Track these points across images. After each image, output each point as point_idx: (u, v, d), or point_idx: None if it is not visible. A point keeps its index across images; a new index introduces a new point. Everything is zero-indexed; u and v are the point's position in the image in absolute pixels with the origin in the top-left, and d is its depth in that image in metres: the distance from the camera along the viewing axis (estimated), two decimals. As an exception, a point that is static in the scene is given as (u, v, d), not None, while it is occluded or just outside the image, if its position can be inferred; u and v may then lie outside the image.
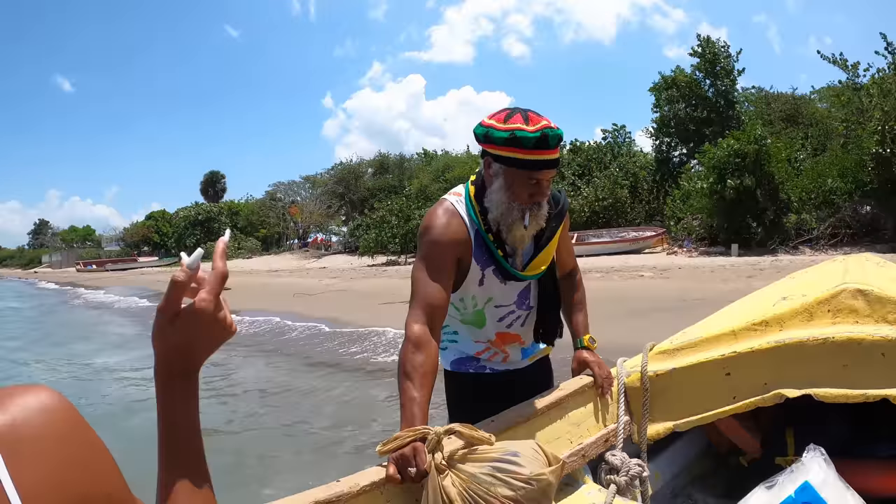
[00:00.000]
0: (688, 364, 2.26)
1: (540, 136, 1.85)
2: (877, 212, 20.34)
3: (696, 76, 28.22)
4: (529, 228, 1.96)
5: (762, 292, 3.00)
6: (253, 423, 6.80)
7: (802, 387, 2.01)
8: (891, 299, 2.00)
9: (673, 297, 11.88)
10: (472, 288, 2.10)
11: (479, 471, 1.54)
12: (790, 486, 1.84)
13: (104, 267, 60.69)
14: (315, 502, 1.38)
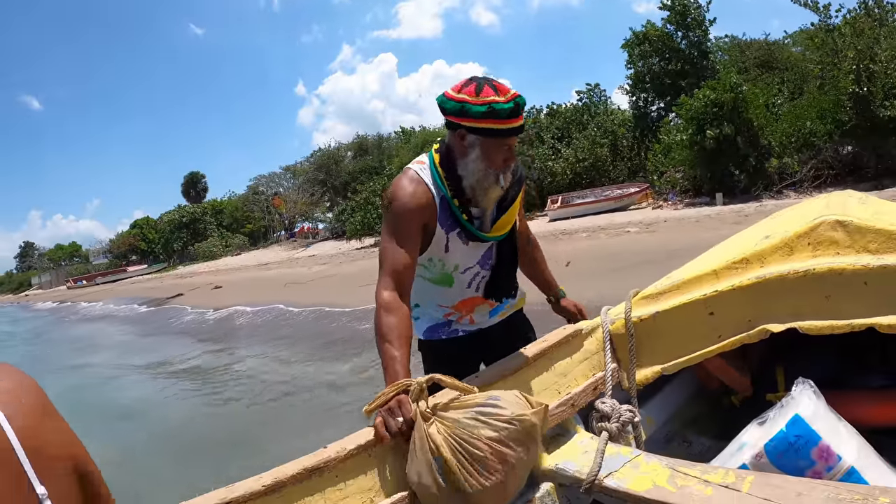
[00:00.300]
0: (671, 307, 2.26)
1: (513, 106, 1.94)
2: (858, 151, 20.36)
3: (668, 29, 27.99)
4: (503, 189, 2.05)
5: (744, 233, 3.01)
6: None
7: (786, 321, 2.01)
8: (871, 228, 2.00)
9: (659, 249, 12.01)
10: (437, 252, 2.15)
11: (462, 416, 1.57)
12: (781, 421, 1.85)
13: (94, 281, 60.64)
14: (304, 469, 1.45)
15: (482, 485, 1.50)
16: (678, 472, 1.71)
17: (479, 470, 1.50)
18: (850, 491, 1.47)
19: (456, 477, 1.49)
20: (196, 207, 68.66)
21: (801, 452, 1.79)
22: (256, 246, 59.29)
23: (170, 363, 11.45)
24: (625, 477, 1.75)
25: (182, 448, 6.14)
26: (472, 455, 1.51)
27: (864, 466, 1.77)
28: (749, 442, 1.92)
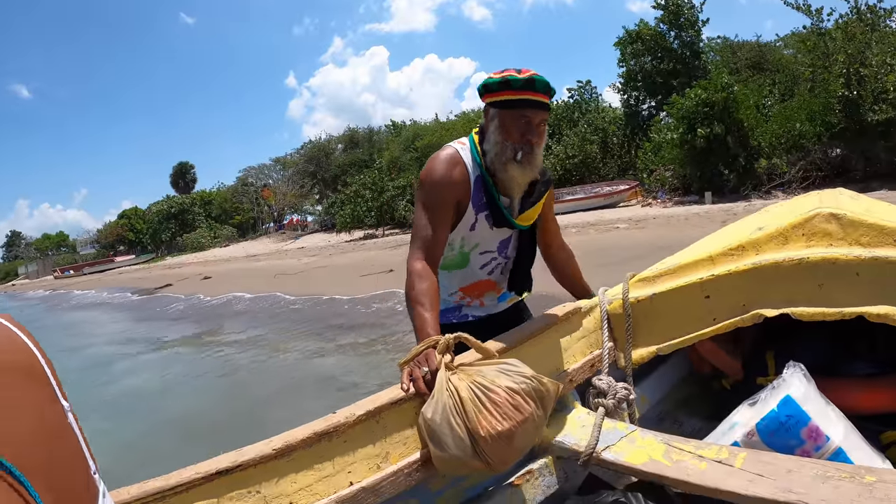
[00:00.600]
0: (667, 289, 2.32)
1: (528, 79, 2.02)
2: (846, 153, 20.52)
3: (661, 28, 28.15)
4: (524, 170, 2.08)
5: (737, 224, 3.05)
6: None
7: (780, 306, 2.07)
8: (863, 223, 2.04)
9: (649, 244, 12.13)
10: (462, 231, 2.22)
11: (486, 369, 1.64)
12: (772, 401, 1.89)
13: (81, 271, 60.04)
14: (314, 433, 1.48)
15: (494, 428, 1.52)
16: (673, 448, 1.76)
17: (492, 412, 1.54)
18: (837, 469, 1.51)
19: (469, 418, 1.53)
20: (185, 198, 68.19)
21: (791, 432, 1.83)
22: (245, 237, 59.03)
23: (170, 345, 11.51)
24: (621, 451, 1.79)
25: (187, 430, 6.17)
26: (489, 398, 1.55)
27: (851, 448, 1.82)
28: (741, 421, 1.96)
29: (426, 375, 1.65)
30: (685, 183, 23.64)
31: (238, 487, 1.36)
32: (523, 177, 2.10)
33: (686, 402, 2.76)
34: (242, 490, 1.37)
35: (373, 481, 1.54)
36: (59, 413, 0.59)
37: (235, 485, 1.36)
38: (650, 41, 28.27)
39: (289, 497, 1.43)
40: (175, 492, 1.27)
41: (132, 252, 69.36)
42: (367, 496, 1.52)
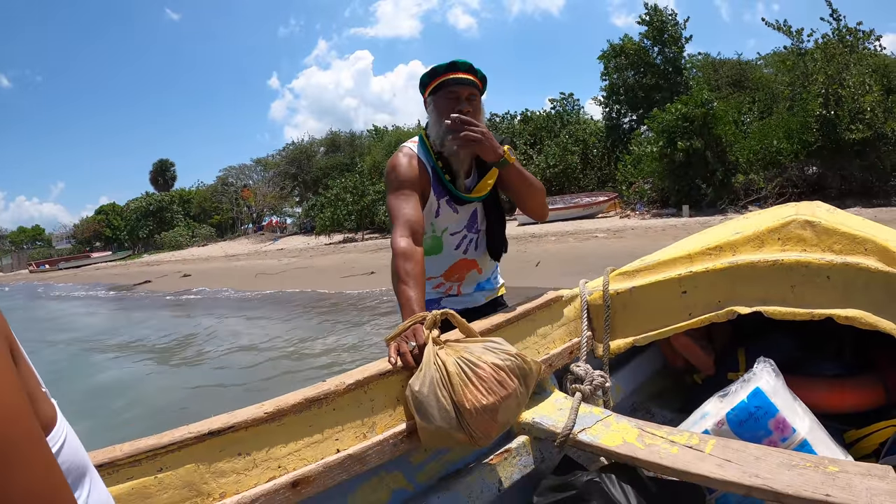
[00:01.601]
0: (646, 283, 2.40)
1: (450, 62, 2.25)
2: (822, 171, 20.87)
3: (645, 44, 28.52)
4: (466, 145, 2.18)
5: (717, 228, 3.12)
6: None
7: (753, 304, 2.15)
8: (836, 230, 2.12)
9: (626, 254, 12.21)
10: (429, 218, 2.33)
11: (472, 345, 1.69)
12: (742, 393, 1.96)
13: (57, 266, 58.92)
14: (305, 399, 1.52)
15: (479, 401, 1.57)
16: (646, 433, 1.82)
17: (478, 387, 1.58)
18: (802, 458, 1.57)
19: (455, 391, 1.57)
20: (164, 196, 67.47)
21: (759, 422, 1.89)
22: (223, 238, 58.50)
23: (149, 338, 11.48)
24: (597, 433, 1.85)
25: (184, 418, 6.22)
26: (475, 373, 1.60)
27: (815, 440, 1.88)
28: (711, 412, 2.02)
29: (413, 350, 1.70)
30: (663, 196, 23.86)
31: (229, 449, 1.39)
32: (463, 148, 2.21)
33: (659, 394, 2.84)
34: (234, 452, 1.39)
35: (359, 449, 1.57)
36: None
37: (227, 446, 1.38)
38: (633, 56, 28.63)
39: (278, 461, 1.46)
40: (167, 450, 1.29)
41: (109, 249, 68.39)
42: (353, 463, 1.55)
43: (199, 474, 1.33)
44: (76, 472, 0.68)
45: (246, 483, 1.40)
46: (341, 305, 11.89)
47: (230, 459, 1.38)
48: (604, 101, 30.83)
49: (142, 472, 1.25)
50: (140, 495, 1.23)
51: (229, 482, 1.38)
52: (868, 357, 2.44)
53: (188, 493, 1.31)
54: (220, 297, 16.66)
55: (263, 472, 1.43)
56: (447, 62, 2.24)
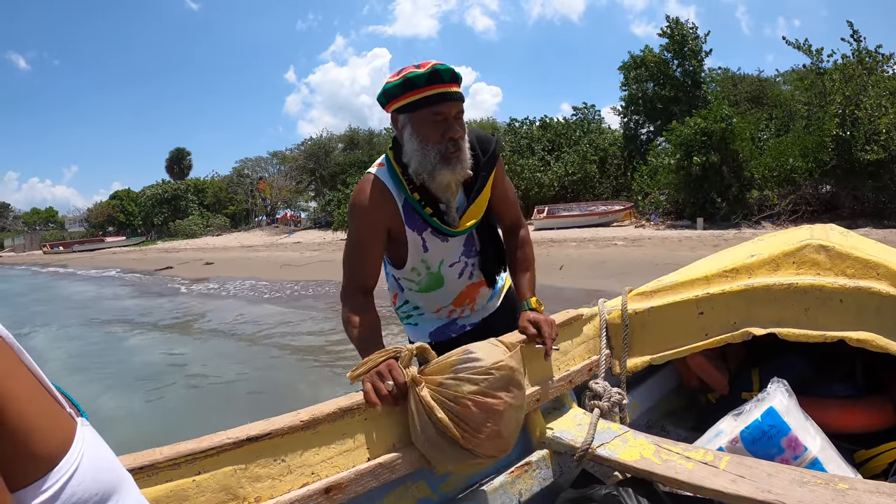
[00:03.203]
0: (664, 304, 2.43)
1: (431, 72, 1.83)
2: (835, 191, 20.96)
3: (665, 56, 28.65)
4: (455, 171, 1.90)
5: (732, 250, 3.10)
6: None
7: (768, 326, 2.19)
8: (850, 255, 2.17)
9: (645, 262, 12.58)
10: (417, 255, 2.10)
11: (443, 378, 1.60)
12: (756, 412, 2.03)
13: (71, 248, 58.82)
14: (339, 409, 1.57)
15: (477, 437, 1.56)
16: (663, 448, 1.87)
17: (469, 427, 1.56)
18: (813, 476, 1.61)
19: (454, 434, 1.55)
20: (179, 184, 67.34)
21: (772, 440, 1.94)
22: (237, 228, 58.54)
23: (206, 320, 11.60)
24: (615, 448, 1.91)
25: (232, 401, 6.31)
26: (460, 415, 1.55)
27: (826, 459, 1.91)
28: (726, 430, 2.06)
29: (392, 389, 1.61)
30: (678, 208, 23.99)
31: (266, 455, 1.42)
32: (456, 178, 1.92)
33: (673, 412, 2.86)
34: (269, 457, 1.43)
35: (389, 458, 1.61)
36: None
37: (263, 452, 1.42)
38: (654, 68, 28.79)
39: (311, 467, 1.50)
40: (207, 454, 1.32)
41: (122, 234, 68.31)
42: (383, 471, 1.59)
43: (236, 478, 1.37)
44: (94, 499, 0.65)
45: (280, 488, 1.44)
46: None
47: (266, 465, 1.42)
48: (622, 112, 30.99)
49: (180, 475, 1.28)
50: (178, 498, 1.25)
51: (264, 487, 1.41)
52: (878, 379, 2.46)
53: (224, 496, 1.35)
54: (263, 286, 16.55)
55: (298, 477, 1.47)
56: (426, 71, 1.82)
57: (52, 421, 0.63)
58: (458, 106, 1.87)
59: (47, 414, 0.62)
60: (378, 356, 1.67)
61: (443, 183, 1.92)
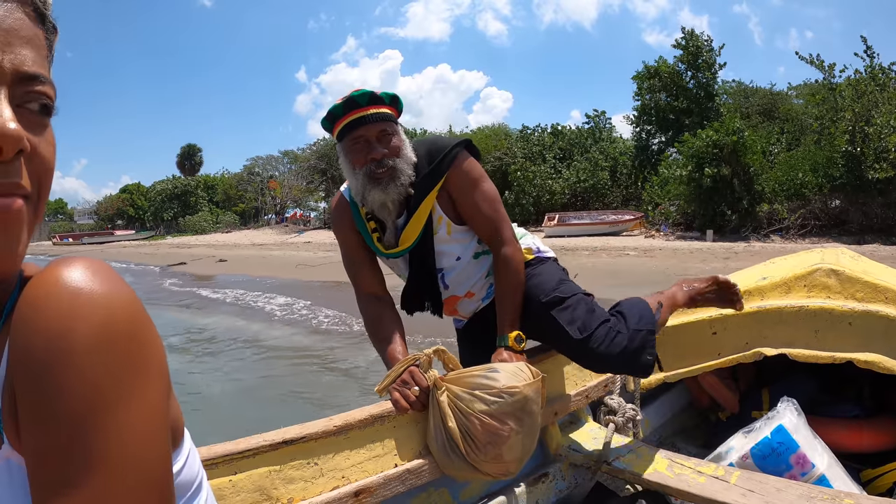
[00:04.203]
0: (678, 323, 2.48)
1: (346, 101, 1.88)
2: (845, 206, 20.97)
3: (679, 68, 28.73)
4: (385, 189, 1.89)
5: (743, 272, 3.07)
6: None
7: (779, 347, 2.26)
8: (859, 280, 2.23)
9: (659, 273, 12.66)
10: (387, 265, 2.16)
11: (460, 390, 1.65)
12: (766, 429, 2.10)
13: (80, 240, 58.73)
14: (370, 416, 1.63)
15: (478, 455, 1.62)
16: (675, 463, 1.94)
17: (475, 445, 1.61)
18: (820, 491, 1.67)
19: (460, 447, 1.61)
20: (189, 180, 67.40)
21: (781, 457, 2.01)
22: (247, 226, 58.64)
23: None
24: (629, 462, 1.98)
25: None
26: (469, 431, 1.61)
27: (833, 476, 1.97)
28: (736, 446, 2.13)
29: (419, 395, 1.69)
30: (687, 219, 24.06)
31: (299, 457, 1.47)
32: (388, 196, 1.90)
33: (684, 429, 2.93)
34: (303, 460, 1.48)
35: (415, 465, 1.67)
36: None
37: (297, 455, 1.47)
38: (667, 78, 28.84)
39: (342, 471, 1.55)
40: (243, 456, 1.37)
41: (131, 228, 68.41)
42: (409, 477, 1.65)
43: (270, 480, 1.41)
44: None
45: (312, 490, 1.48)
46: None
47: (299, 467, 1.47)
48: (634, 121, 31.07)
49: (217, 475, 1.31)
50: (215, 497, 1.35)
51: (297, 488, 1.45)
52: (885, 400, 2.52)
53: (259, 496, 1.38)
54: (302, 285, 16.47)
55: (329, 480, 1.52)
56: (343, 101, 1.88)
57: (179, 408, 0.68)
58: (378, 126, 1.88)
59: (176, 401, 0.67)
60: (399, 367, 1.73)
61: (375, 203, 1.92)
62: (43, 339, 0.50)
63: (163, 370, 0.58)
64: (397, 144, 1.91)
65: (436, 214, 2.00)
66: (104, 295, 0.53)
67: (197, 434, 0.77)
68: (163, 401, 0.56)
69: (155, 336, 0.57)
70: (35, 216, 0.59)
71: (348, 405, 1.85)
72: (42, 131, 0.59)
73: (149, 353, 0.55)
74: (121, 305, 0.54)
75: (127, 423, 0.51)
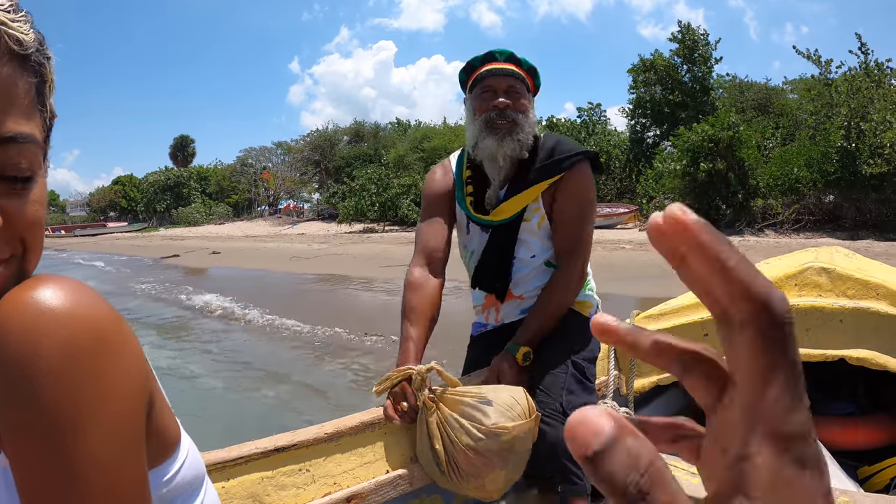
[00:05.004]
0: (670, 326, 2.49)
1: (486, 53, 1.96)
2: (839, 201, 21.01)
3: (675, 61, 28.73)
4: (500, 140, 1.90)
5: None
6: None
7: None
8: (850, 277, 2.23)
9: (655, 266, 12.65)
10: (462, 235, 2.15)
11: (450, 414, 1.64)
12: None
13: (73, 232, 58.92)
14: (361, 423, 1.66)
15: (461, 480, 1.63)
16: (669, 465, 2.11)
17: (458, 472, 1.62)
18: None
19: (444, 467, 1.63)
20: (182, 171, 67.59)
21: None
22: (240, 217, 58.66)
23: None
24: None
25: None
26: (454, 458, 1.62)
27: (829, 475, 2.21)
28: None
29: (408, 411, 1.71)
30: (682, 213, 24.03)
31: (291, 464, 1.49)
32: (502, 148, 1.91)
33: None
34: (294, 467, 1.49)
35: (407, 471, 1.70)
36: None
37: (289, 462, 1.49)
38: (663, 72, 28.86)
39: (334, 478, 1.57)
40: (235, 463, 1.38)
41: (124, 219, 68.43)
42: (401, 483, 1.67)
43: (263, 486, 1.42)
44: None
45: (304, 497, 1.49)
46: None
47: (291, 474, 1.48)
48: (629, 114, 31.12)
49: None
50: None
51: (289, 495, 1.47)
52: (880, 396, 2.52)
53: (251, 503, 1.41)
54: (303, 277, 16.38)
55: (321, 487, 1.53)
56: (483, 53, 1.95)
57: (171, 415, 0.71)
58: (508, 80, 1.92)
59: (167, 407, 0.70)
60: (396, 375, 1.72)
61: (487, 152, 1.94)
62: (7, 358, 0.51)
63: (135, 385, 0.58)
64: (524, 104, 1.93)
65: (535, 203, 2.00)
66: (68, 315, 0.54)
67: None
68: (134, 415, 0.57)
69: (125, 352, 0.58)
70: (25, 268, 0.61)
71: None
72: (24, 194, 0.59)
73: (117, 369, 0.56)
74: (83, 325, 0.54)
75: (91, 443, 0.52)
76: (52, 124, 0.66)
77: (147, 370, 0.62)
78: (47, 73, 0.62)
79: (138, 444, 0.57)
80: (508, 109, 1.90)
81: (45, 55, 0.62)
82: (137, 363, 0.59)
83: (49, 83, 0.63)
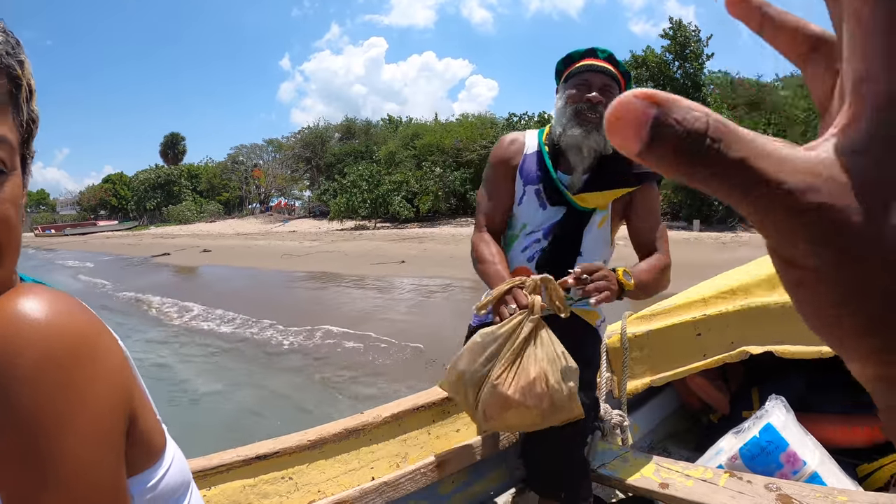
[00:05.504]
0: (662, 326, 2.49)
1: (588, 49, 1.99)
2: None
3: (666, 58, 28.67)
4: (587, 132, 1.92)
5: (729, 272, 3.04)
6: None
7: (765, 344, 2.23)
8: None
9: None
10: (513, 205, 2.12)
11: (548, 335, 1.63)
12: (755, 429, 2.09)
13: (63, 231, 58.86)
14: (344, 429, 1.64)
15: (501, 385, 1.56)
16: (662, 467, 1.92)
17: (513, 377, 1.57)
18: (812, 489, 1.65)
19: (498, 362, 1.58)
20: (172, 169, 67.44)
21: (771, 456, 1.99)
22: (230, 215, 58.54)
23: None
24: (616, 468, 1.96)
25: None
26: (524, 367, 1.57)
27: (825, 473, 1.96)
28: (725, 448, 2.12)
29: (515, 312, 1.64)
30: (674, 208, 24.18)
31: (273, 472, 1.47)
32: (587, 141, 1.93)
33: (675, 433, 2.91)
34: (277, 475, 1.48)
35: (393, 477, 1.68)
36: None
37: (272, 469, 1.47)
38: (654, 68, 28.75)
39: (317, 485, 1.55)
40: (216, 471, 1.37)
41: (114, 218, 68.29)
42: (387, 490, 1.65)
43: (245, 495, 1.41)
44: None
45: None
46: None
47: (274, 482, 1.47)
48: (621, 110, 30.91)
49: None
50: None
51: (272, 503, 1.46)
52: None
53: None
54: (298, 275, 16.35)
55: (304, 495, 1.52)
56: (585, 48, 1.98)
57: (156, 422, 0.72)
58: (605, 79, 1.94)
59: (153, 416, 0.71)
60: (504, 285, 1.71)
61: (570, 141, 1.96)
62: None
63: (112, 393, 0.59)
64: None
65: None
66: (46, 326, 0.55)
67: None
68: (109, 422, 0.58)
69: (103, 362, 0.59)
70: (1, 268, 0.62)
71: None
72: None
73: (92, 379, 0.57)
74: (60, 336, 0.55)
75: (65, 447, 0.53)
76: (32, 128, 0.66)
77: (128, 379, 0.64)
78: (21, 77, 0.61)
79: (113, 450, 0.58)
80: (601, 105, 1.92)
81: (17, 59, 0.61)
82: (115, 373, 0.61)
83: (25, 86, 0.62)
